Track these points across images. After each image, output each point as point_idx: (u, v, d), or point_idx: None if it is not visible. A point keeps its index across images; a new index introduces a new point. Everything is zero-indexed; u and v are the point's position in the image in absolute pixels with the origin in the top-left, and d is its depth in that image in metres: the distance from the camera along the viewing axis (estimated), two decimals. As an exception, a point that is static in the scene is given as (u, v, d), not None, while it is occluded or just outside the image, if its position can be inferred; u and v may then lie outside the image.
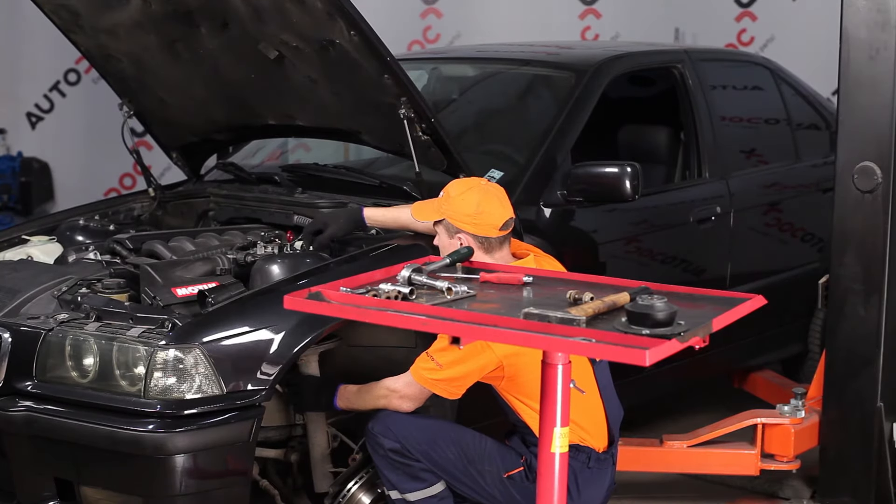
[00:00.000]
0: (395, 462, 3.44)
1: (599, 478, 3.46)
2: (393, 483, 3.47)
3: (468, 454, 3.44)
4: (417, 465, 3.43)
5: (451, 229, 3.47)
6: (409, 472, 3.45)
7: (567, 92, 4.65)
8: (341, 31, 3.75)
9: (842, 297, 4.26)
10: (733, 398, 5.29)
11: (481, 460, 3.44)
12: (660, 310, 2.47)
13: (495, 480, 3.43)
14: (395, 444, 3.42)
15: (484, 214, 3.43)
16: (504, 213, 3.47)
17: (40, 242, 4.23)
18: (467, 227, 3.44)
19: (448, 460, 3.43)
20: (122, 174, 8.81)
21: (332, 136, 4.57)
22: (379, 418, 3.45)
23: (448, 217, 3.47)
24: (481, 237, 3.44)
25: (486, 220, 3.44)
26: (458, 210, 3.45)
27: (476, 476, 3.44)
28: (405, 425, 3.43)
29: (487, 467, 3.44)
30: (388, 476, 3.47)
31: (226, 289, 3.58)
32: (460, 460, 3.44)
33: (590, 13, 8.29)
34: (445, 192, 3.53)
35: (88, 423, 3.29)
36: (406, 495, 3.47)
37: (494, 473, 3.43)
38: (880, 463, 4.23)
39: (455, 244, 3.43)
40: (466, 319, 2.59)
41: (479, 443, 3.47)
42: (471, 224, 3.43)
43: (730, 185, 5.02)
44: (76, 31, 4.35)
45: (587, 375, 3.43)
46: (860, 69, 4.14)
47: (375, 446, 3.45)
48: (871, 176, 4.14)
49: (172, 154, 4.82)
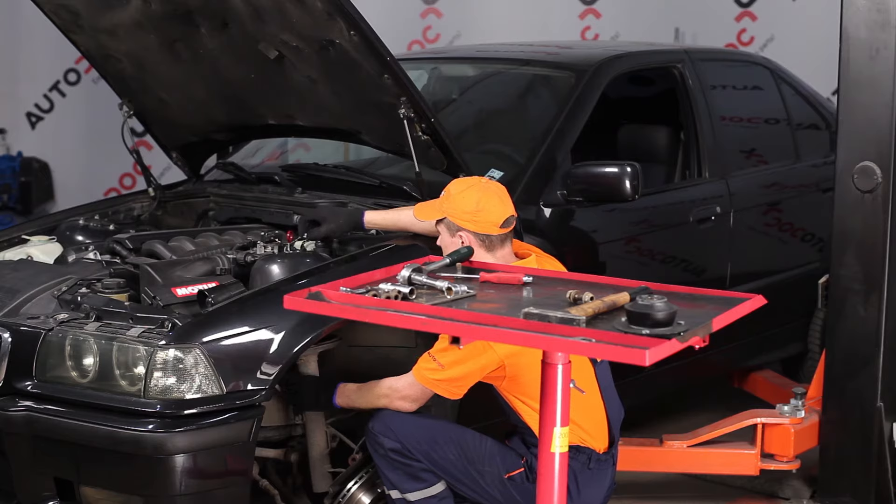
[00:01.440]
0: (395, 462, 3.44)
1: (599, 478, 3.46)
2: (393, 483, 3.48)
3: (468, 454, 3.44)
4: (418, 464, 3.44)
5: (453, 227, 3.46)
6: (409, 472, 3.45)
7: (567, 92, 4.65)
8: (341, 31, 3.75)
9: (842, 296, 4.26)
10: (733, 398, 5.29)
11: (481, 461, 3.44)
12: (660, 310, 2.47)
13: (495, 481, 3.43)
14: (396, 444, 3.42)
15: (484, 212, 3.43)
16: (504, 210, 3.46)
17: (40, 242, 4.23)
18: (468, 225, 3.44)
19: (448, 461, 3.43)
20: (121, 174, 8.81)
21: (332, 135, 4.57)
22: (379, 418, 3.45)
23: (449, 215, 3.47)
24: (482, 235, 3.43)
25: (486, 217, 3.44)
26: (459, 208, 3.45)
27: (476, 476, 3.44)
28: (406, 425, 3.43)
29: (488, 468, 3.44)
30: (389, 476, 3.47)
31: (226, 289, 3.58)
32: (460, 460, 3.44)
33: (590, 13, 8.29)
34: (446, 191, 3.53)
35: (88, 423, 3.29)
36: (406, 495, 3.47)
37: (495, 474, 3.43)
38: (880, 463, 4.23)
39: (456, 242, 3.43)
40: (466, 319, 2.59)
41: (480, 443, 3.47)
42: (471, 222, 3.43)
43: (730, 185, 5.02)
44: (76, 31, 4.35)
45: (588, 376, 3.43)
46: (860, 69, 4.14)
47: (376, 446, 3.45)
48: (871, 176, 4.14)
49: (172, 154, 4.82)
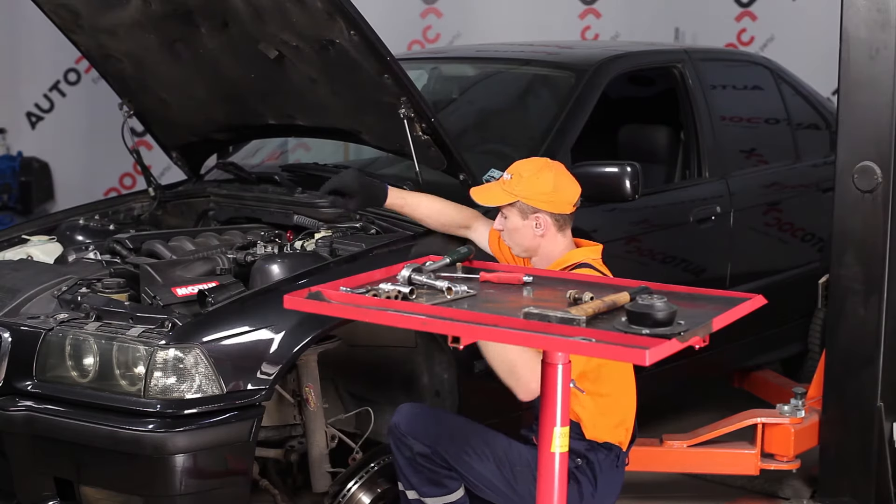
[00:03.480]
0: (420, 466, 3.36)
1: (620, 479, 3.45)
2: (412, 484, 3.40)
3: (499, 457, 3.38)
4: (444, 472, 3.36)
5: (528, 210, 3.41)
6: (432, 478, 3.37)
7: (567, 92, 4.65)
8: (341, 31, 3.75)
9: (842, 296, 4.26)
10: (733, 398, 5.29)
11: (512, 461, 3.38)
12: (660, 309, 2.47)
13: (528, 480, 3.33)
14: (426, 450, 3.34)
15: (561, 191, 3.41)
16: (576, 188, 3.45)
17: (40, 242, 4.24)
18: (546, 206, 3.40)
19: (482, 464, 3.36)
20: (122, 174, 8.82)
21: (332, 135, 4.56)
22: (406, 416, 3.38)
23: (524, 198, 3.41)
24: (558, 214, 3.42)
25: (563, 196, 3.41)
26: (535, 189, 3.40)
27: (510, 479, 3.37)
28: (437, 430, 3.36)
29: (519, 468, 3.37)
30: (409, 477, 3.39)
31: (226, 288, 3.58)
32: (492, 462, 3.37)
33: (590, 13, 8.29)
34: (515, 173, 3.45)
35: (88, 423, 3.29)
36: (425, 499, 3.40)
37: (527, 474, 3.33)
38: (880, 463, 4.23)
39: (530, 225, 3.41)
40: (466, 319, 2.59)
41: (508, 445, 3.41)
42: (549, 202, 3.40)
43: (730, 185, 5.02)
44: (76, 30, 4.35)
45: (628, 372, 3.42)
46: (860, 69, 4.14)
47: (402, 447, 3.37)
48: (871, 176, 4.14)
49: (172, 154, 4.82)
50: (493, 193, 3.48)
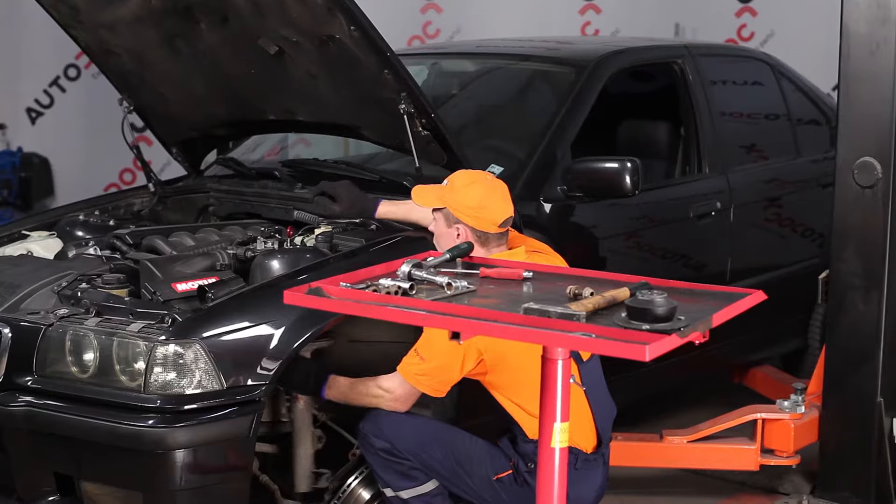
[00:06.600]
0: (386, 461, 3.45)
1: (588, 478, 3.44)
2: (386, 481, 3.49)
3: (457, 455, 3.45)
4: (407, 463, 3.45)
5: (451, 219, 3.46)
6: (399, 471, 3.46)
7: (567, 87, 4.65)
8: (341, 27, 3.75)
9: (842, 292, 4.26)
10: (733, 393, 5.29)
11: (470, 462, 3.44)
12: (660, 305, 2.47)
13: (484, 482, 3.43)
14: (385, 444, 3.43)
15: (486, 210, 3.43)
16: (505, 210, 3.46)
17: (40, 238, 4.23)
18: (467, 220, 3.43)
19: (436, 461, 3.44)
20: (121, 169, 8.82)
21: (332, 131, 4.56)
22: (370, 418, 3.47)
23: (449, 207, 3.46)
24: (479, 231, 3.44)
25: (488, 215, 3.43)
26: (461, 202, 3.44)
27: (465, 477, 3.44)
28: (396, 426, 3.44)
29: (476, 469, 3.44)
30: (381, 474, 3.49)
31: (226, 284, 3.57)
32: (448, 461, 3.44)
33: (590, 9, 8.29)
34: (450, 181, 3.51)
35: (88, 419, 3.29)
36: (399, 493, 3.48)
37: (483, 475, 3.43)
38: (880, 458, 4.23)
39: (452, 234, 3.44)
40: (466, 315, 2.59)
41: (470, 444, 3.46)
42: (472, 217, 3.43)
43: (730, 181, 5.01)
44: (76, 26, 4.34)
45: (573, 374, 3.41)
46: (860, 64, 4.13)
47: (367, 446, 3.48)
48: (871, 171, 4.14)
49: (172, 149, 4.82)
50: (427, 194, 3.53)
